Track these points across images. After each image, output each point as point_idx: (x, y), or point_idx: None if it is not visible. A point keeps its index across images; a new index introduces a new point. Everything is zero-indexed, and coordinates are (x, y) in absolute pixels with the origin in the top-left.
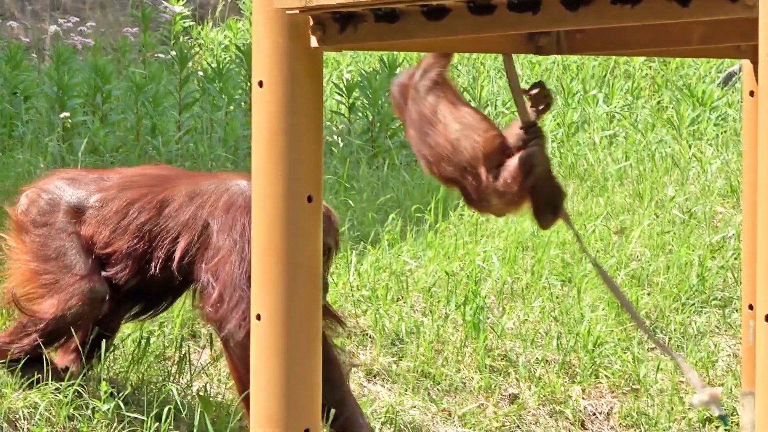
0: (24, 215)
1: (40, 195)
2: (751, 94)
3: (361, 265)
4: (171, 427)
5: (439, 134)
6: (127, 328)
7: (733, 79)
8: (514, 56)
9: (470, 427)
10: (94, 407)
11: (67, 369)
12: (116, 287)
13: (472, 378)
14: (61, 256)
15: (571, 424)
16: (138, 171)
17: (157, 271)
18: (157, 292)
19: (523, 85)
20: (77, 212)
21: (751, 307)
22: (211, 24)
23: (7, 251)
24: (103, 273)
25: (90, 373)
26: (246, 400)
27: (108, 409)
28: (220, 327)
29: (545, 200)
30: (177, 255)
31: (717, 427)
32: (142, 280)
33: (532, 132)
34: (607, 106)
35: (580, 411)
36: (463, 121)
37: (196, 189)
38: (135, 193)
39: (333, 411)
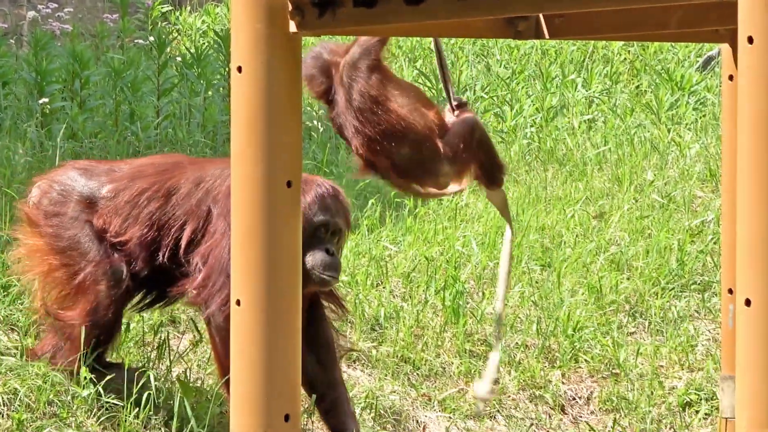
0: (36, 207)
1: (52, 186)
2: (731, 78)
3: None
4: (151, 413)
5: (391, 112)
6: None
7: (712, 63)
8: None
9: (450, 412)
10: (74, 393)
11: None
12: (130, 276)
13: (452, 363)
14: (76, 245)
15: (551, 408)
16: (148, 160)
17: (165, 260)
18: (169, 281)
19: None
20: (89, 203)
21: (730, 291)
22: (189, 9)
23: (21, 248)
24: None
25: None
26: (227, 384)
27: (88, 395)
28: (202, 310)
29: (488, 164)
30: (183, 242)
31: (697, 411)
32: (153, 268)
33: (464, 107)
34: (586, 91)
35: (560, 395)
36: (411, 96)
37: (202, 175)
38: (145, 182)
39: (321, 393)
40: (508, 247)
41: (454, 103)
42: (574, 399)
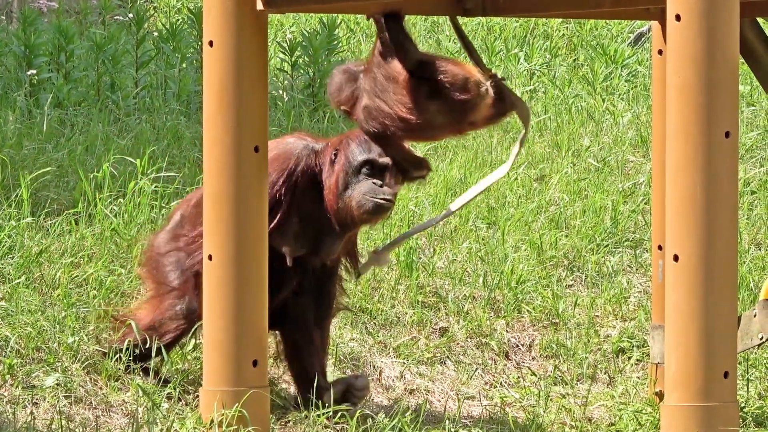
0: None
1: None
2: (660, 52)
3: None
4: (130, 358)
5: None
6: (90, 268)
7: (643, 39)
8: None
9: (404, 358)
10: (59, 340)
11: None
12: None
13: (406, 313)
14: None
15: (496, 354)
16: None
17: None
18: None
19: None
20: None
21: (660, 247)
22: None
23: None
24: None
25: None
26: None
27: (72, 342)
28: None
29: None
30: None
31: (629, 358)
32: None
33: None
34: (528, 64)
35: (505, 343)
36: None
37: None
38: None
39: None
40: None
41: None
42: (517, 346)
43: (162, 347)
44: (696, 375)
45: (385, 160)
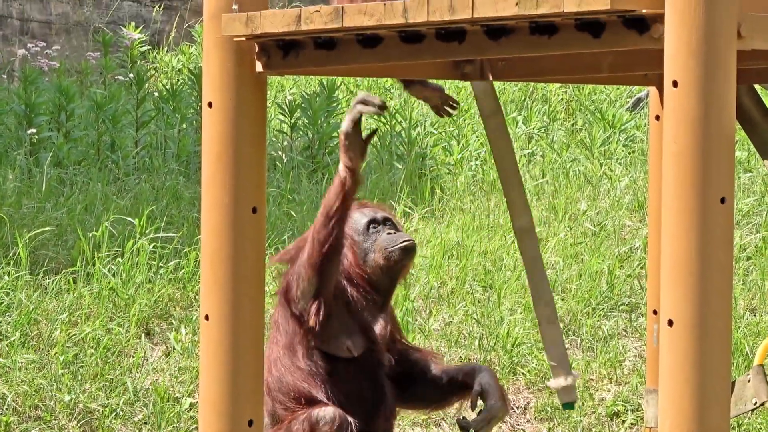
0: None
1: None
2: (657, 118)
3: None
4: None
5: None
6: (87, 327)
7: (641, 104)
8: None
9: (399, 420)
10: (57, 398)
11: None
12: None
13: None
14: None
15: None
16: None
17: None
18: None
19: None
20: None
21: (655, 312)
22: (165, 49)
23: None
24: None
25: None
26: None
27: (69, 400)
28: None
29: None
30: None
31: (623, 421)
32: None
33: None
34: (526, 128)
35: None
36: None
37: None
38: None
39: None
40: None
41: None
42: (512, 409)
43: None
44: None
45: (384, 213)
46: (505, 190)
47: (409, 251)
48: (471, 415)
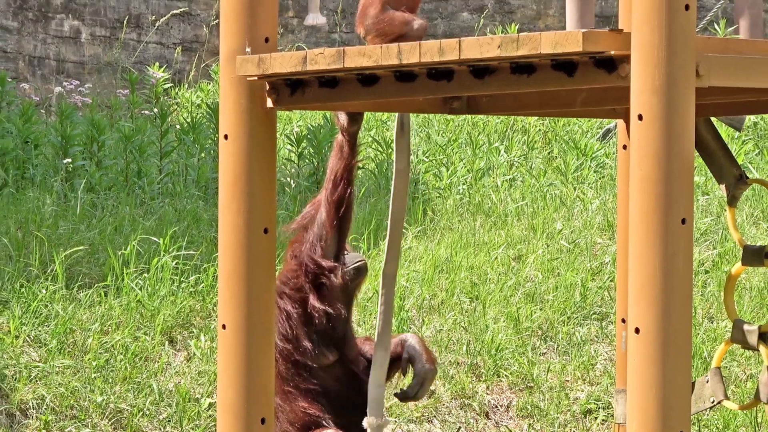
0: None
1: None
2: (624, 147)
3: None
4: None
5: None
6: (117, 335)
7: (610, 134)
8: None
9: (395, 417)
10: (90, 399)
11: None
12: None
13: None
14: None
15: (478, 414)
16: None
17: None
18: None
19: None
20: None
21: (623, 320)
22: (186, 86)
23: None
24: None
25: None
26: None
27: (102, 401)
28: None
29: None
30: None
31: (596, 418)
32: None
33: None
34: (508, 156)
35: (485, 404)
36: None
37: None
38: None
39: None
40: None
41: None
42: (496, 407)
43: None
44: None
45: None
46: (389, 239)
47: (363, 270)
48: (406, 384)
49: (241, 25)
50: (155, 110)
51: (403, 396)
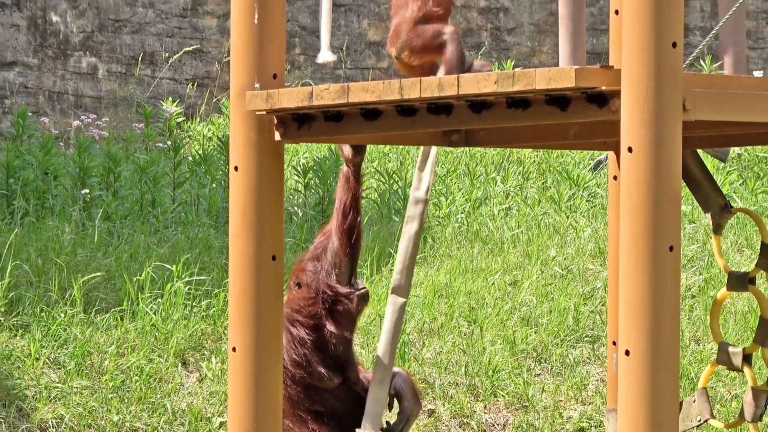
0: None
1: None
2: (615, 178)
3: None
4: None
5: None
6: (132, 357)
7: (601, 166)
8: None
9: None
10: (107, 418)
11: None
12: None
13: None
14: None
15: None
16: None
17: None
18: None
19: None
20: None
21: (614, 343)
22: (198, 120)
23: None
24: None
25: None
26: None
27: (118, 419)
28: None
29: None
30: None
31: None
32: None
33: None
34: (504, 186)
35: (483, 423)
36: None
37: None
38: None
39: None
40: None
41: None
42: (493, 426)
43: None
44: None
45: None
46: (405, 261)
47: (365, 298)
48: (392, 417)
49: (251, 62)
50: (169, 143)
51: (388, 431)
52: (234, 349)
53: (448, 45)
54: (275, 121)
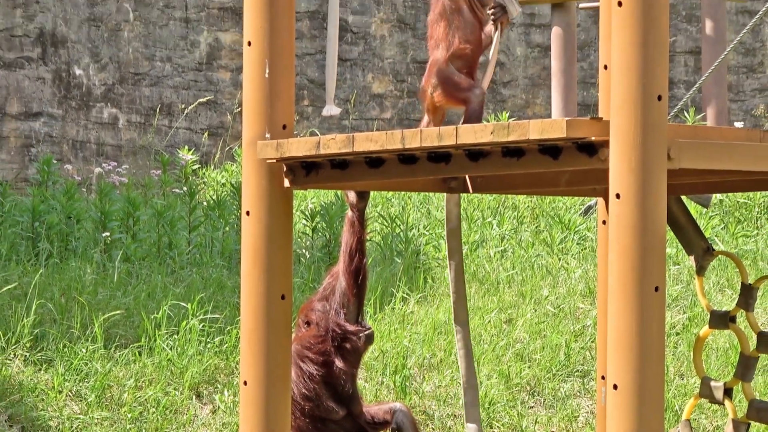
0: None
1: None
2: (604, 222)
3: None
4: None
5: None
6: (150, 390)
7: (591, 211)
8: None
9: None
10: None
11: None
12: None
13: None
14: None
15: None
16: None
17: None
18: None
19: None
20: None
21: (603, 377)
22: (212, 167)
23: None
24: None
25: None
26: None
27: None
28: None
29: None
30: None
31: None
32: None
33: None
34: (500, 229)
35: None
36: None
37: None
38: None
39: None
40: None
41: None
42: None
43: None
44: None
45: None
46: (456, 299)
47: (371, 337)
48: None
49: (262, 113)
50: (185, 189)
51: None
52: (245, 383)
53: (473, 101)
54: (285, 169)
